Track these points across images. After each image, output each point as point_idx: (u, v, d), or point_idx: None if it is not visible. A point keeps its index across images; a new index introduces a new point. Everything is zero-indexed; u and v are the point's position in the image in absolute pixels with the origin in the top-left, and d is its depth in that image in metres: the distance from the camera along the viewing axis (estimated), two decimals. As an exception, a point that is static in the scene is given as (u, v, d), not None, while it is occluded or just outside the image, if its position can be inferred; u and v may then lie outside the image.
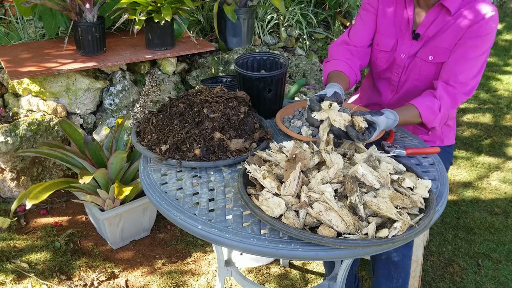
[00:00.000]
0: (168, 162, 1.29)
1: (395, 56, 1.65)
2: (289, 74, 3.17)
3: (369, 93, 1.85)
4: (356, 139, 1.19)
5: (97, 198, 2.11)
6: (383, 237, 0.95)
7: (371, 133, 1.22)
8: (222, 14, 2.92)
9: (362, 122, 1.20)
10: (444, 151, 1.74)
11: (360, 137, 1.19)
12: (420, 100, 1.48)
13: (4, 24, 2.94)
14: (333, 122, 1.21)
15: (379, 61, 1.70)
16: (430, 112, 1.47)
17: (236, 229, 1.05)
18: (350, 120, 1.21)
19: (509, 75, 4.49)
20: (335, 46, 1.73)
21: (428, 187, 1.10)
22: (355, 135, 1.19)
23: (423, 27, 1.57)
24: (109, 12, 2.64)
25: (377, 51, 1.69)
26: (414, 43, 1.60)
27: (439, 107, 1.48)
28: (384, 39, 1.66)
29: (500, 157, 3.10)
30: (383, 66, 1.70)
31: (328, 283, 1.52)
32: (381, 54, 1.68)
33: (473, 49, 1.49)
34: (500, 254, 2.23)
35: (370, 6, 1.68)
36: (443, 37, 1.54)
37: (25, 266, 2.07)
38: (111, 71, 2.70)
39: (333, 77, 1.59)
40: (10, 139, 2.32)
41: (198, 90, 1.45)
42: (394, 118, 1.37)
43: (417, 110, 1.46)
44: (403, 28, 1.62)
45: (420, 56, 1.59)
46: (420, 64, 1.60)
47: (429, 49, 1.57)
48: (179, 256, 2.21)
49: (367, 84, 1.87)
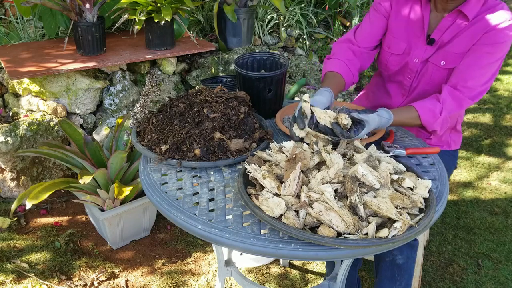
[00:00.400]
0: (168, 162, 1.29)
1: (407, 60, 1.61)
2: (289, 74, 3.17)
3: (378, 94, 1.81)
4: (341, 136, 1.19)
5: (97, 198, 2.11)
6: (383, 237, 0.95)
7: (359, 130, 1.21)
8: (222, 14, 2.92)
9: (346, 119, 1.19)
10: (450, 156, 1.72)
11: (345, 134, 1.19)
12: (421, 102, 1.46)
13: (4, 24, 2.94)
14: (318, 119, 1.21)
15: (390, 63, 1.66)
16: (431, 115, 1.44)
17: (236, 229, 1.05)
18: (335, 117, 1.21)
19: (509, 75, 4.49)
20: (339, 44, 1.70)
21: (428, 187, 1.10)
22: (339, 131, 1.18)
23: (439, 32, 1.52)
24: (109, 12, 2.64)
25: (388, 53, 1.65)
26: (429, 48, 1.55)
27: (441, 110, 1.45)
28: (396, 42, 1.61)
29: (500, 157, 3.10)
30: (394, 69, 1.66)
31: (328, 283, 1.52)
32: (392, 57, 1.64)
33: (487, 56, 1.45)
34: (500, 254, 2.23)
35: (381, 7, 1.62)
36: (456, 42, 1.50)
37: (25, 266, 2.07)
38: (111, 71, 2.70)
39: (328, 78, 1.57)
40: (10, 139, 2.32)
41: (198, 90, 1.45)
42: (388, 117, 1.35)
43: (416, 112, 1.44)
44: (418, 32, 1.57)
45: (432, 61, 1.55)
46: (432, 69, 1.56)
47: (442, 54, 1.53)
48: (179, 256, 2.21)
49: (375, 84, 1.83)
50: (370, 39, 1.66)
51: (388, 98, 1.75)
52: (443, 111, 1.46)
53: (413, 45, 1.58)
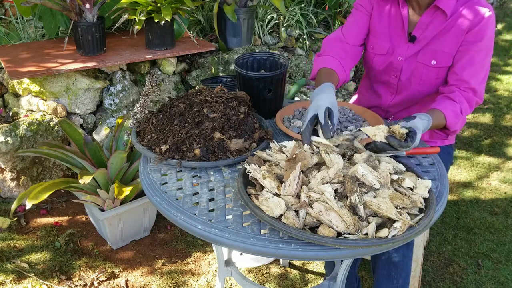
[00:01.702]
0: (168, 162, 1.29)
1: (391, 59, 1.64)
2: (289, 74, 3.17)
3: (367, 96, 1.84)
4: (399, 147, 1.16)
5: (97, 198, 2.11)
6: (383, 237, 0.95)
7: (414, 138, 1.20)
8: (222, 14, 2.92)
9: (402, 129, 1.18)
10: (444, 151, 1.73)
11: (404, 144, 1.17)
12: (442, 105, 1.46)
13: (4, 24, 2.94)
14: (372, 137, 1.18)
15: (375, 64, 1.69)
16: (454, 115, 1.45)
17: (236, 229, 1.05)
18: (388, 130, 1.19)
19: (509, 75, 4.49)
20: (330, 41, 1.71)
21: (428, 187, 1.10)
22: (398, 143, 1.16)
23: (419, 29, 1.56)
24: (109, 12, 2.64)
25: (372, 54, 1.69)
26: (411, 45, 1.59)
27: (461, 110, 1.47)
28: (379, 43, 1.65)
29: (500, 157, 3.10)
30: (379, 68, 1.69)
31: (328, 283, 1.52)
32: (377, 57, 1.67)
33: (478, 53, 1.49)
34: (500, 254, 2.23)
35: (361, 7, 1.67)
36: (443, 41, 1.53)
37: (25, 266, 2.07)
38: (111, 71, 2.70)
39: (324, 74, 1.57)
40: (10, 139, 2.32)
41: (198, 90, 1.45)
42: (428, 119, 1.34)
43: (442, 114, 1.43)
44: (399, 31, 1.61)
45: (422, 61, 1.58)
46: (422, 69, 1.59)
47: (431, 54, 1.56)
48: (179, 256, 2.21)
49: (364, 87, 1.86)
50: (357, 35, 1.69)
51: (378, 98, 1.78)
52: (463, 111, 1.47)
53: (396, 44, 1.62)
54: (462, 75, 1.50)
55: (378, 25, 1.65)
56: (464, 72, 1.50)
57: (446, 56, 1.54)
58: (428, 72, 1.58)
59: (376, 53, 1.67)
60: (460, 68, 1.51)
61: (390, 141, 1.16)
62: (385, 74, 1.69)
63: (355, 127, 1.45)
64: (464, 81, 1.50)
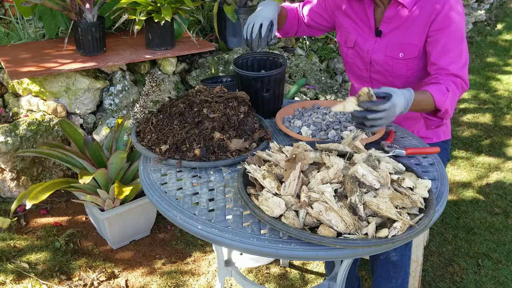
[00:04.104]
0: (168, 162, 1.29)
1: (361, 54, 1.69)
2: (289, 74, 3.17)
3: (352, 92, 1.91)
4: (375, 107, 1.21)
5: (97, 198, 2.11)
6: (383, 237, 0.95)
7: (389, 97, 1.24)
8: (222, 14, 2.92)
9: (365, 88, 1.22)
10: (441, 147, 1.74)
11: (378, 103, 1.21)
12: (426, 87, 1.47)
13: (4, 24, 2.94)
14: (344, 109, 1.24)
15: (348, 57, 1.75)
16: (440, 92, 1.44)
17: (236, 229, 1.05)
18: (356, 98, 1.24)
19: (509, 75, 4.49)
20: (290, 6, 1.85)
21: (428, 187, 1.10)
22: (370, 104, 1.21)
23: (385, 24, 1.61)
24: (109, 12, 2.64)
25: (346, 48, 1.74)
26: (378, 40, 1.63)
27: (446, 88, 1.46)
28: (348, 36, 1.71)
29: (500, 157, 3.10)
30: (352, 62, 1.75)
31: (328, 283, 1.52)
32: (349, 50, 1.73)
33: (449, 40, 1.50)
34: (500, 254, 2.23)
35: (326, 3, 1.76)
36: (409, 33, 1.56)
37: (25, 266, 2.07)
38: (111, 71, 2.70)
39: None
40: (10, 139, 2.32)
41: (198, 90, 1.45)
42: (408, 90, 1.35)
43: (428, 92, 1.43)
44: (366, 28, 1.66)
45: (390, 54, 1.61)
46: (392, 62, 1.62)
47: (398, 46, 1.59)
48: (179, 256, 2.21)
49: (351, 85, 1.93)
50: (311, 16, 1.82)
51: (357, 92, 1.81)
52: (449, 89, 1.46)
53: (365, 39, 1.67)
54: (440, 63, 1.51)
55: (346, 20, 1.71)
56: (441, 60, 1.51)
57: (413, 48, 1.57)
58: (398, 64, 1.61)
59: (348, 46, 1.73)
60: (436, 57, 1.52)
61: (362, 105, 1.22)
62: (357, 68, 1.74)
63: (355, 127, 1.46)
64: (444, 69, 1.51)
